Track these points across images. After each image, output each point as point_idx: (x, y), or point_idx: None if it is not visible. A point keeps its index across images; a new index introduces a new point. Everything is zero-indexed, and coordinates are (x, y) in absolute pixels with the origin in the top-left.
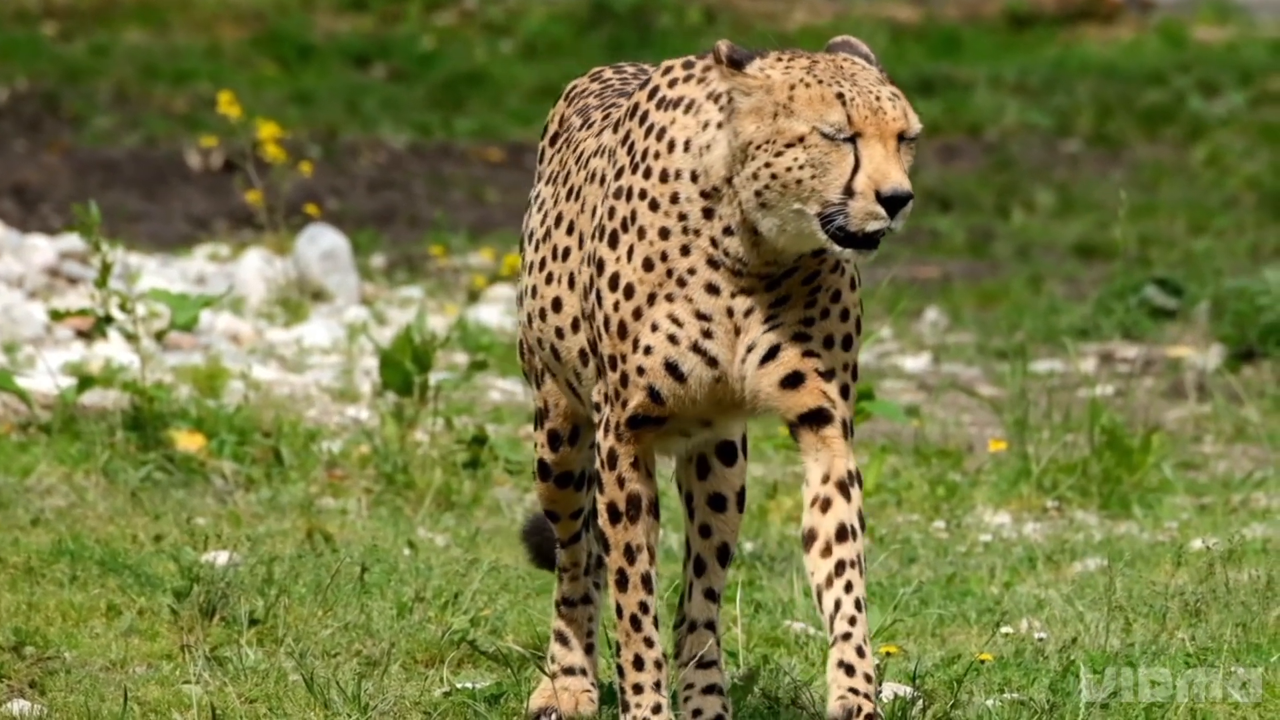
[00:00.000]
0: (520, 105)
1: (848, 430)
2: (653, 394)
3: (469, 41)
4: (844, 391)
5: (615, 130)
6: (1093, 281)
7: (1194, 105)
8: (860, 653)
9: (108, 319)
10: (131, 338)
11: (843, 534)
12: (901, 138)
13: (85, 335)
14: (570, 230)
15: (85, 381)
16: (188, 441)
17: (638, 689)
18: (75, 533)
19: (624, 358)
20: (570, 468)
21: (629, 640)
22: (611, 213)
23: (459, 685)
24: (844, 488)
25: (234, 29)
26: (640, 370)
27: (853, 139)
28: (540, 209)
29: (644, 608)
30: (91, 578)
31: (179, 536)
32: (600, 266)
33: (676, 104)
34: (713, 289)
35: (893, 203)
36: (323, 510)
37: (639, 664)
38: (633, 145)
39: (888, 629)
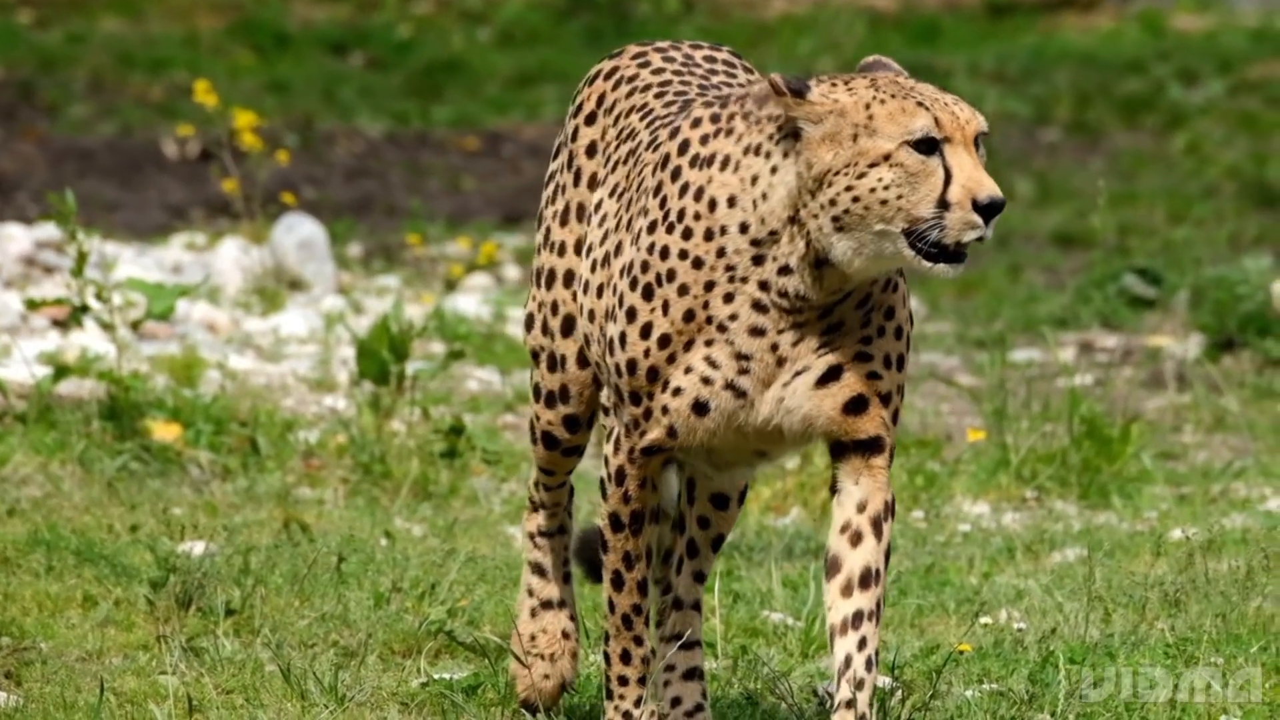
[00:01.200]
0: (498, 93)
1: (892, 457)
2: (670, 431)
3: (446, 29)
4: (895, 416)
5: (653, 175)
6: (1072, 270)
7: (1173, 94)
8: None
9: (84, 308)
10: (108, 327)
11: (866, 579)
12: (976, 142)
13: (61, 324)
14: None
15: (61, 371)
16: (164, 431)
17: (623, 681)
18: (51, 523)
19: (650, 396)
20: (581, 443)
21: (619, 635)
22: (645, 267)
23: (436, 676)
24: (878, 525)
25: (210, 17)
26: (665, 409)
27: (939, 150)
28: (602, 223)
29: (637, 610)
30: (67, 568)
31: (155, 526)
32: (631, 314)
33: (710, 161)
34: (757, 331)
35: (990, 210)
36: (299, 500)
37: (626, 658)
38: (665, 200)
39: None
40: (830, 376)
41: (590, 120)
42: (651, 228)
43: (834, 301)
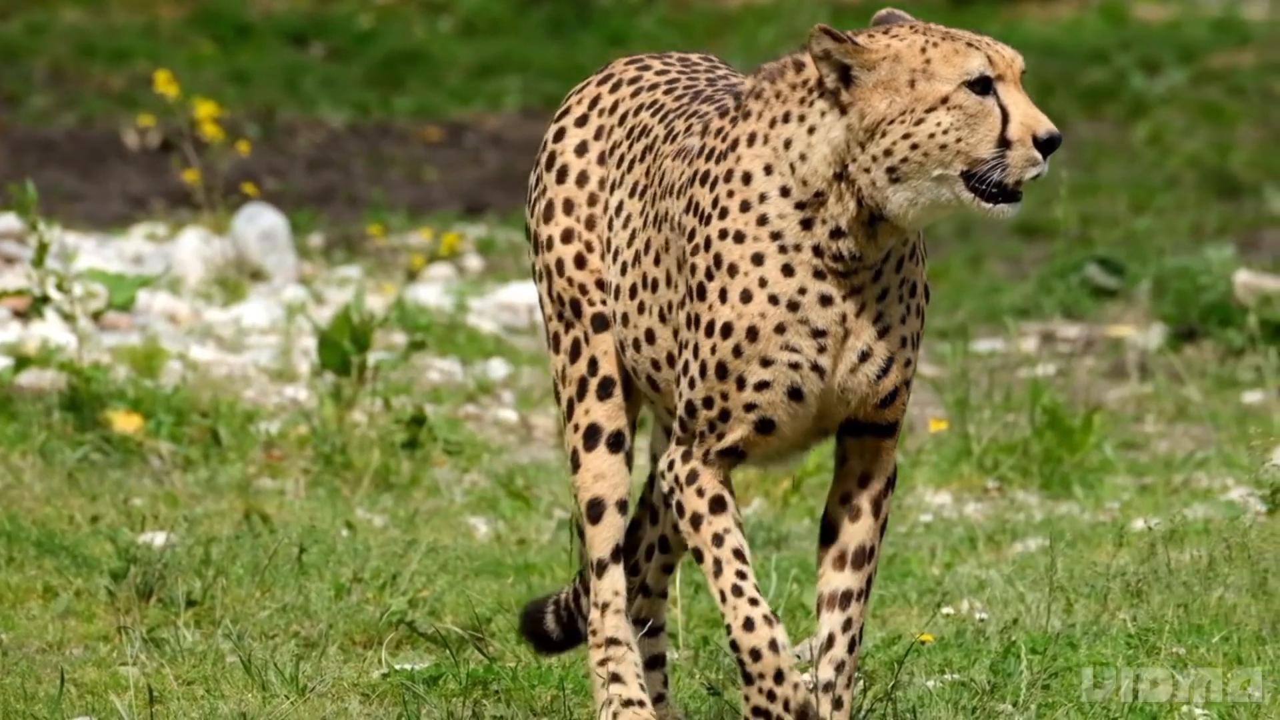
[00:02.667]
0: (459, 84)
1: (899, 434)
2: (763, 425)
3: (407, 20)
4: (909, 395)
5: (679, 197)
6: (1034, 260)
7: (1135, 84)
8: (839, 704)
9: (44, 299)
10: (68, 318)
11: (860, 557)
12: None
13: (22, 315)
14: (658, 261)
15: (22, 362)
16: (125, 422)
17: (755, 655)
18: (11, 514)
19: (725, 396)
20: (621, 426)
21: (735, 612)
22: (694, 270)
23: (397, 667)
24: (877, 503)
25: (171, 8)
26: (750, 406)
27: (993, 89)
28: (626, 224)
29: (741, 575)
30: (28, 559)
31: (116, 517)
32: (693, 322)
33: (735, 145)
34: (826, 300)
35: (1049, 145)
36: (260, 491)
37: (749, 625)
38: (699, 206)
39: None
40: (884, 371)
41: (581, 122)
42: (691, 235)
43: (882, 260)
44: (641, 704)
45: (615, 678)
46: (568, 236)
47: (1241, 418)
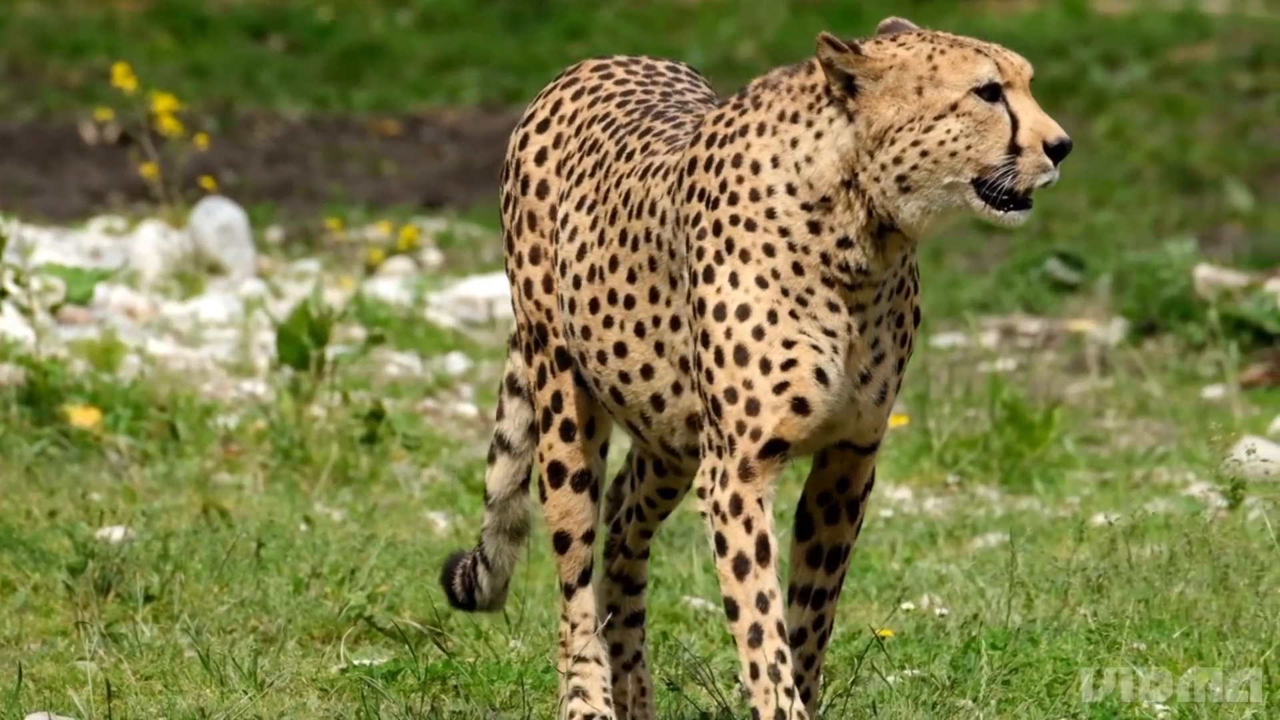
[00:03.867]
0: (418, 78)
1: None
2: (799, 405)
3: (366, 13)
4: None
5: (671, 194)
6: (994, 255)
7: (1096, 78)
8: (807, 695)
9: (2, 293)
10: (26, 311)
11: (835, 556)
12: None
13: None
14: (632, 278)
15: None
16: (83, 416)
17: None
18: None
19: (748, 384)
20: (587, 465)
21: (768, 697)
22: (701, 253)
23: (356, 662)
24: (855, 505)
25: (129, 1)
26: (781, 387)
27: (1002, 96)
28: (573, 237)
29: (781, 657)
30: None
31: (74, 512)
32: (701, 306)
33: (744, 131)
34: (834, 307)
35: (1059, 151)
36: (219, 486)
37: (781, 717)
38: (704, 191)
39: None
40: (881, 397)
41: (542, 128)
42: (696, 220)
43: (883, 283)
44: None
45: (581, 692)
46: (535, 255)
47: (1202, 413)
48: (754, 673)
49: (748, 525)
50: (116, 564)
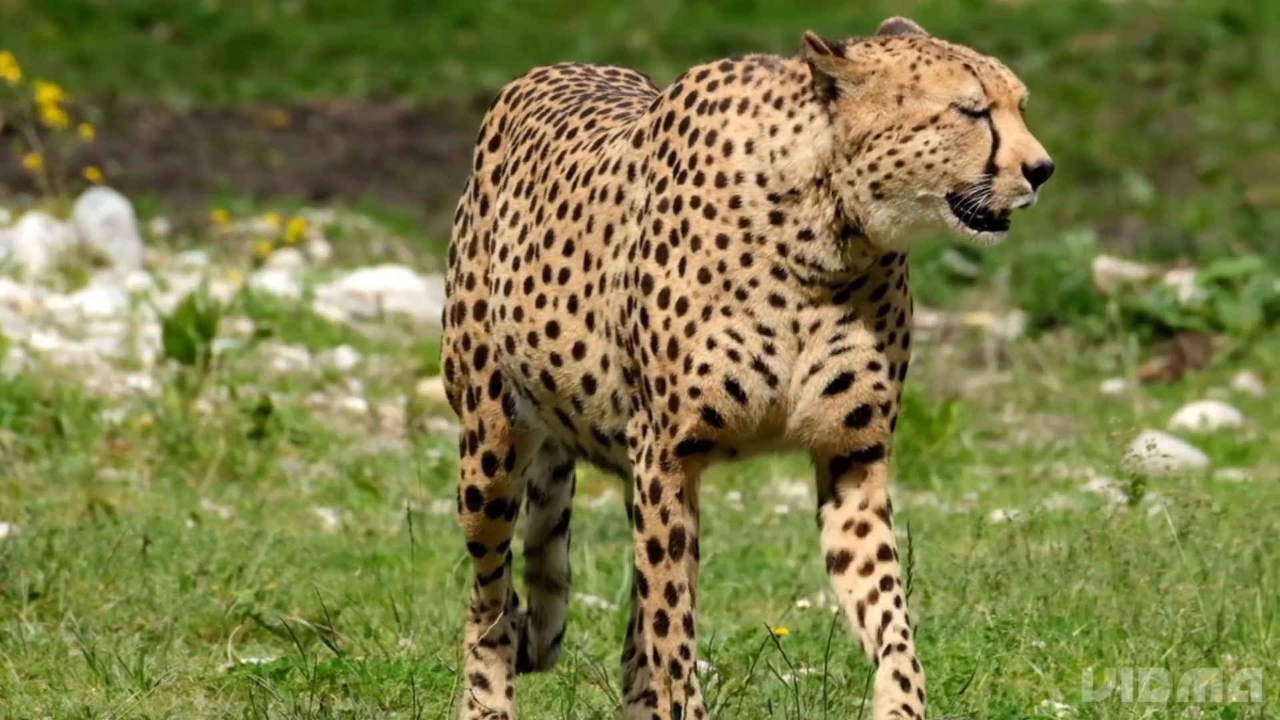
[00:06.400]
0: (305, 67)
1: (890, 460)
2: (709, 415)
3: (253, 2)
4: (894, 423)
5: (639, 144)
6: None
7: None
8: (915, 666)
9: None
10: None
11: (885, 553)
12: (1021, 106)
13: None
14: (569, 250)
15: None
16: None
17: None
18: None
19: (674, 379)
20: (503, 495)
21: (668, 688)
22: (658, 226)
23: (244, 660)
24: (883, 514)
25: None
26: (695, 391)
27: (987, 113)
28: (514, 223)
29: (685, 652)
30: None
31: None
32: (647, 284)
33: (725, 105)
34: (777, 300)
35: (1039, 175)
36: (104, 482)
37: (678, 713)
38: (674, 155)
39: None
40: (840, 385)
41: (494, 145)
42: (661, 185)
43: (848, 282)
44: (504, 716)
45: (481, 681)
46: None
47: (1102, 407)
48: (656, 658)
49: (664, 516)
50: (0, 561)
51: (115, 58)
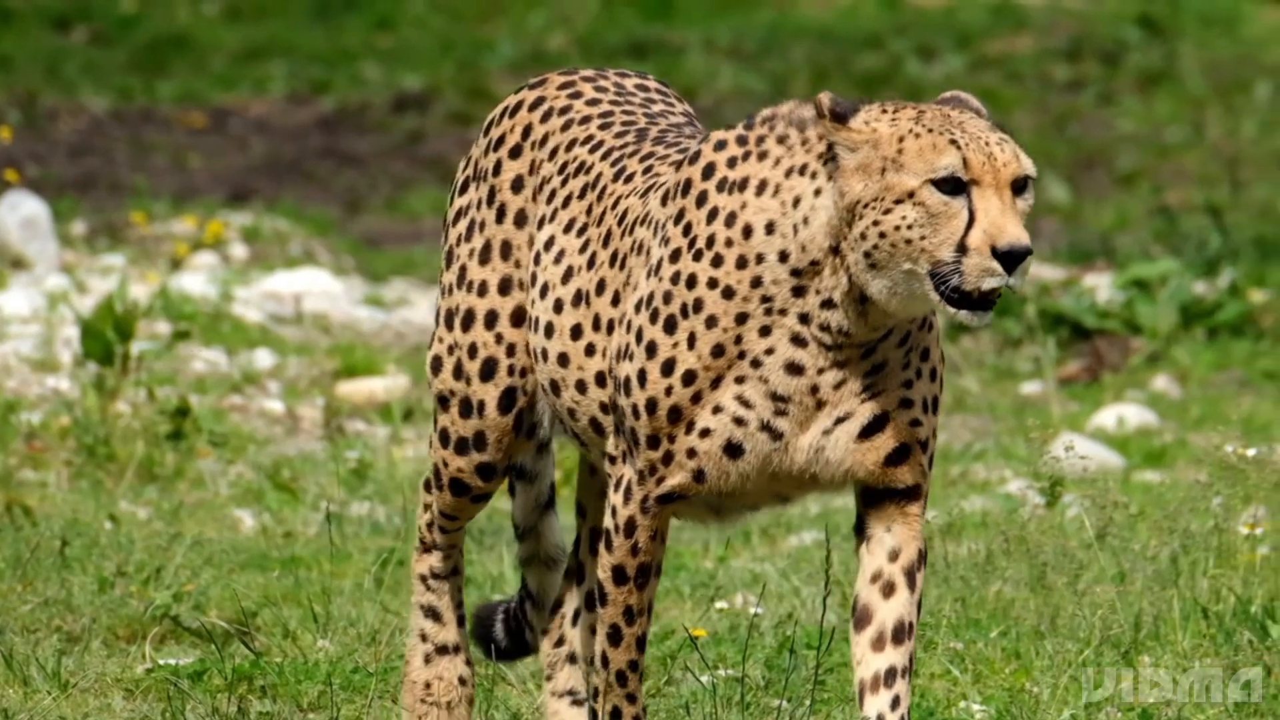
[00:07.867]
0: (224, 69)
1: (926, 502)
2: (698, 476)
3: (172, 3)
4: (931, 460)
5: (665, 203)
6: None
7: (911, 69)
8: None
9: None
10: None
11: (899, 633)
12: (1015, 186)
13: None
14: (615, 302)
15: None
16: None
17: None
18: None
19: (672, 439)
20: (492, 491)
21: (610, 691)
22: (668, 298)
23: (161, 662)
24: (911, 575)
25: None
26: (691, 453)
27: (967, 191)
28: (559, 260)
29: (633, 666)
30: None
31: None
32: (651, 350)
33: (743, 186)
34: (795, 369)
35: (1010, 258)
36: (22, 483)
37: (616, 716)
38: (690, 228)
39: None
40: (874, 427)
41: (515, 154)
42: (675, 256)
43: (876, 339)
44: (457, 649)
45: (433, 613)
46: (505, 287)
47: (1020, 409)
48: (605, 662)
49: (634, 550)
50: None
51: (34, 59)
